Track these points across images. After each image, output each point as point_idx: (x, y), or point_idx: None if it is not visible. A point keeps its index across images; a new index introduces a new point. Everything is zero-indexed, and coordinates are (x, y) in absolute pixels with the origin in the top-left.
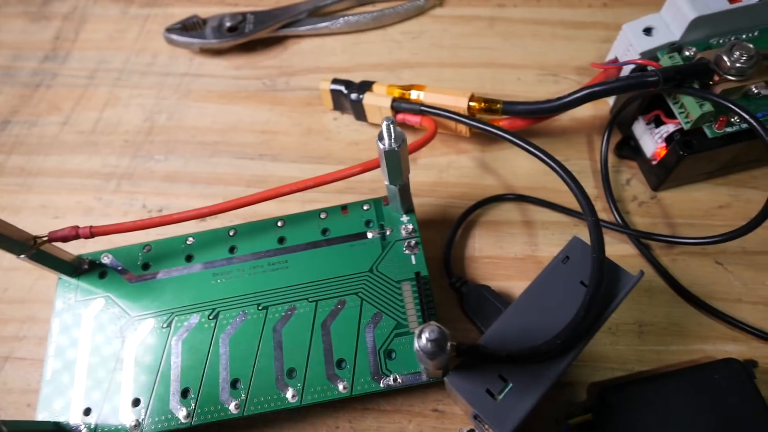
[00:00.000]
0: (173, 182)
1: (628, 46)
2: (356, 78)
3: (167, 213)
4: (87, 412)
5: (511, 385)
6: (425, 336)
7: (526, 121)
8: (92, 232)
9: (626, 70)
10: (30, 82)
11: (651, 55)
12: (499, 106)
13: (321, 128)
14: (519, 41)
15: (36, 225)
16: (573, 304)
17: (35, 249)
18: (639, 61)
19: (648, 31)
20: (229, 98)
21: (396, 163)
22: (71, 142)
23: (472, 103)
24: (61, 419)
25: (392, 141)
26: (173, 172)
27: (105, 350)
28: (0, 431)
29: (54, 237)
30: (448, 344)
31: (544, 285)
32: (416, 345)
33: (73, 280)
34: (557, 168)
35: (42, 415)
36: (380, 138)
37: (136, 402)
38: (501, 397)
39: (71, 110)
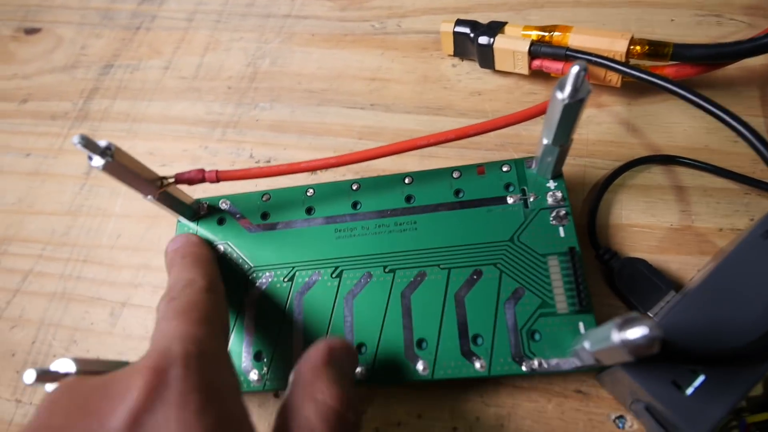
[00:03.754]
0: (280, 132)
1: None
2: (476, 19)
3: (276, 164)
4: None
5: (703, 377)
6: (643, 332)
7: (697, 69)
8: (218, 177)
9: None
10: (129, 24)
11: None
12: (668, 50)
13: (438, 76)
14: None
15: None
16: None
17: (162, 190)
18: None
19: None
20: (335, 42)
21: (572, 119)
22: (174, 88)
23: (632, 47)
24: None
25: (577, 93)
26: (280, 122)
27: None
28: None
29: (181, 179)
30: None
31: (735, 265)
32: (618, 337)
33: (192, 224)
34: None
35: None
36: (561, 87)
37: (258, 356)
38: (691, 391)
39: (172, 54)
